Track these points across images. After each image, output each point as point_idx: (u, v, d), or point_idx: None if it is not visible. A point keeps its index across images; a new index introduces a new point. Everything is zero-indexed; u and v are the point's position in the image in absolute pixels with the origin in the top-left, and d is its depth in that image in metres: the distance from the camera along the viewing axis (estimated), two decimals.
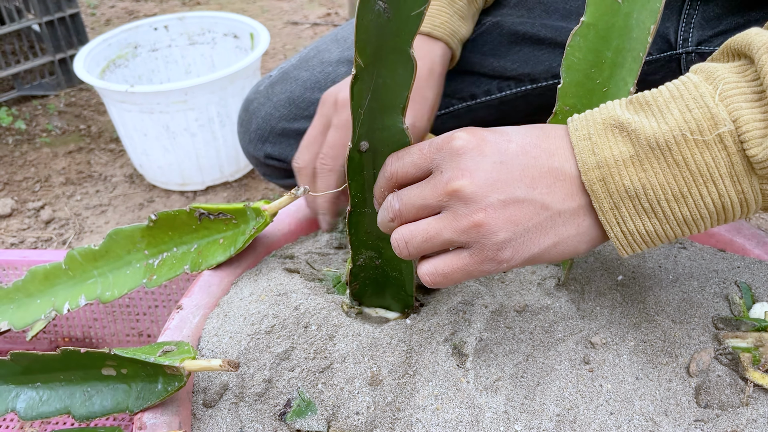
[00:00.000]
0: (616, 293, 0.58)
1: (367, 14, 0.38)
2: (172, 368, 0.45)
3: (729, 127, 0.38)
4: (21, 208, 1.21)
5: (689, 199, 0.40)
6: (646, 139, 0.40)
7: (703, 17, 0.68)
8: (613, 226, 0.42)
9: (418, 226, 0.43)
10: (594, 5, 0.47)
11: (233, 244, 0.61)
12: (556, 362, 0.53)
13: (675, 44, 0.70)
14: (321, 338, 0.54)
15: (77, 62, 1.15)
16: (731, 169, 0.39)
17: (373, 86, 0.42)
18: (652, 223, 0.41)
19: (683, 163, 0.39)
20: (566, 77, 0.51)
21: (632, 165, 0.40)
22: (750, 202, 0.40)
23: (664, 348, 0.53)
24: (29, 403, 0.52)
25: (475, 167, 0.41)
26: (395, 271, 0.57)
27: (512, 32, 0.75)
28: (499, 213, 0.40)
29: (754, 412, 0.49)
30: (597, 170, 0.41)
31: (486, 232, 0.40)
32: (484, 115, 0.81)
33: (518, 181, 0.41)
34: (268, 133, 0.81)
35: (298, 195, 0.57)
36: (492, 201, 0.40)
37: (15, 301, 0.68)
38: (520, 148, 0.42)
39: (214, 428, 0.49)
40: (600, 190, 0.41)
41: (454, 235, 0.41)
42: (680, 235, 0.42)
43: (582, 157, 0.41)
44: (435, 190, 0.42)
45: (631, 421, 0.47)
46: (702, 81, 0.40)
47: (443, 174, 0.41)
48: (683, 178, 0.40)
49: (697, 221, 0.41)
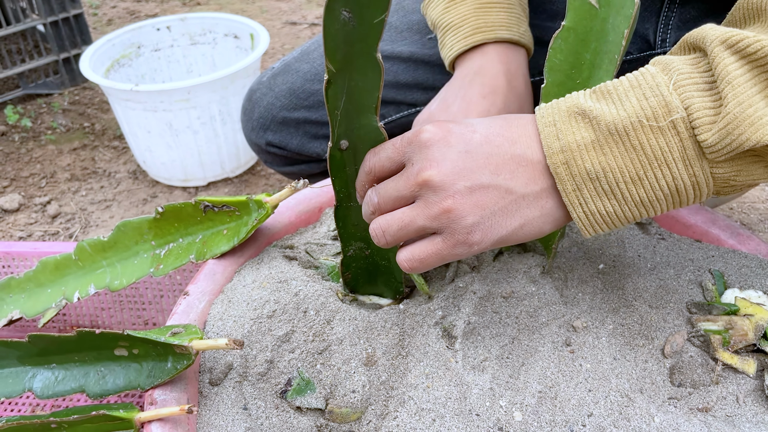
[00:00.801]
0: (597, 281, 0.61)
1: (333, 23, 0.41)
2: (181, 347, 0.48)
3: (681, 114, 0.41)
4: (28, 203, 1.24)
5: (645, 182, 0.42)
6: (606, 125, 0.42)
7: (680, 19, 0.71)
8: (576, 206, 0.44)
9: (394, 215, 0.45)
10: (574, 10, 0.50)
11: (236, 235, 0.64)
12: (540, 344, 0.56)
13: (654, 44, 0.73)
14: (319, 322, 0.57)
15: (83, 62, 1.18)
16: (683, 154, 0.41)
17: (347, 89, 0.45)
18: (611, 204, 0.44)
19: (640, 147, 0.42)
20: (549, 77, 0.54)
21: (593, 149, 0.43)
22: (702, 185, 0.43)
23: (640, 331, 0.56)
24: (45, 383, 0.54)
25: (442, 157, 0.43)
26: (384, 260, 0.60)
27: None
28: (467, 199, 0.43)
29: (724, 390, 0.52)
30: (561, 154, 0.43)
31: (455, 217, 0.43)
32: None
33: (483, 168, 0.43)
34: (270, 122, 0.84)
35: (298, 188, 0.60)
36: (459, 188, 0.43)
37: (26, 291, 0.70)
38: (483, 137, 0.44)
39: (219, 405, 0.51)
40: (564, 173, 0.43)
41: (427, 221, 0.44)
42: (638, 216, 0.44)
43: (547, 142, 0.44)
44: (407, 181, 0.44)
45: (608, 397, 0.51)
46: (659, 72, 0.43)
47: (413, 166, 0.44)
48: (640, 161, 0.42)
49: (653, 202, 0.43)
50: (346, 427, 0.53)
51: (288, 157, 0.87)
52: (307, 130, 0.84)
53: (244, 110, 0.88)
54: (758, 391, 0.52)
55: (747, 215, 1.13)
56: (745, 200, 1.16)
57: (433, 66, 0.80)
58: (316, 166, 0.88)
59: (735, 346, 0.53)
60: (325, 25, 0.42)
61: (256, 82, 0.87)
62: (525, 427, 0.49)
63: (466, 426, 0.49)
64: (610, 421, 0.49)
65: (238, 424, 0.50)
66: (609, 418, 0.49)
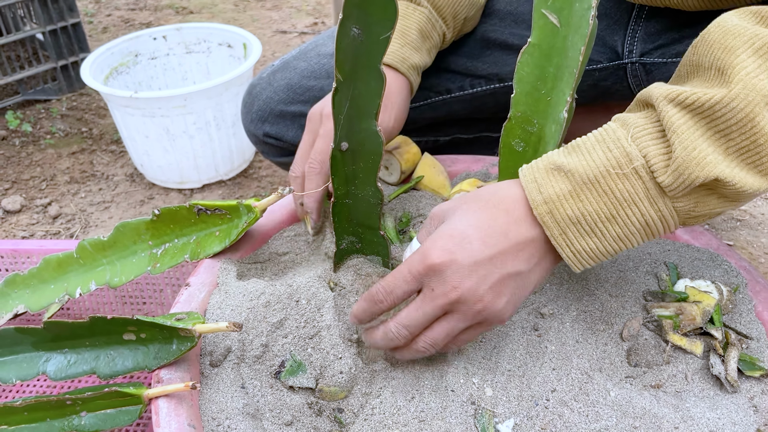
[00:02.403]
0: (564, 272, 0.66)
1: (344, 38, 0.46)
2: (185, 330, 0.52)
3: (641, 161, 0.47)
4: (29, 204, 1.27)
5: (618, 220, 0.49)
6: (579, 176, 0.48)
7: (646, 32, 0.77)
8: (564, 248, 0.50)
9: (438, 332, 0.52)
10: (538, 28, 0.55)
11: (228, 236, 0.67)
12: (511, 330, 0.60)
13: (622, 55, 0.78)
14: (310, 310, 0.61)
15: (84, 70, 1.21)
16: (648, 194, 0.48)
17: (351, 96, 0.50)
18: (594, 242, 0.50)
19: (610, 191, 0.48)
20: (517, 88, 0.59)
21: (571, 197, 0.49)
22: (668, 218, 0.49)
23: (601, 317, 0.61)
24: (58, 367, 0.58)
25: (460, 277, 0.49)
26: (373, 254, 0.65)
27: (485, 38, 0.84)
28: (491, 296, 0.50)
29: (674, 368, 0.57)
30: (544, 205, 0.49)
31: (489, 312, 0.51)
32: (457, 108, 0.89)
33: (492, 268, 0.50)
34: (268, 114, 0.89)
35: (284, 194, 0.65)
36: (482, 292, 0.50)
37: (30, 287, 0.73)
38: (480, 242, 0.50)
39: (219, 384, 0.56)
40: (549, 221, 0.50)
41: (468, 323, 0.51)
42: (618, 250, 0.50)
43: (531, 196, 0.50)
44: (436, 304, 0.50)
45: (570, 374, 0.55)
46: (618, 127, 0.49)
47: (436, 291, 0.50)
48: (612, 203, 0.48)
49: (628, 236, 0.50)
50: (334, 405, 0.57)
51: (283, 148, 0.92)
52: (302, 123, 0.89)
53: (245, 103, 0.92)
54: (704, 370, 0.57)
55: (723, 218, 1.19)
56: None
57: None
58: None
59: (684, 330, 0.58)
60: (338, 39, 0.47)
61: (257, 78, 0.92)
62: (495, 401, 0.53)
63: (443, 401, 0.54)
64: (571, 396, 0.54)
65: (236, 400, 0.54)
66: (570, 393, 0.54)
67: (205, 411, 0.53)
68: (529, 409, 0.53)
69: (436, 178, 0.76)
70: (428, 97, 0.88)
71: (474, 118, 0.93)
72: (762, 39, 0.45)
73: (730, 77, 0.45)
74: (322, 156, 0.66)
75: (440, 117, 0.90)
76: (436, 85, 0.87)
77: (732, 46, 0.46)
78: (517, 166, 0.62)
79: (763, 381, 0.56)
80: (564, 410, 0.53)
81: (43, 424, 0.54)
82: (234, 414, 0.53)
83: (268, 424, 0.54)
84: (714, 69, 0.47)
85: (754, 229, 1.15)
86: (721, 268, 0.65)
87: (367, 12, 0.45)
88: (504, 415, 0.53)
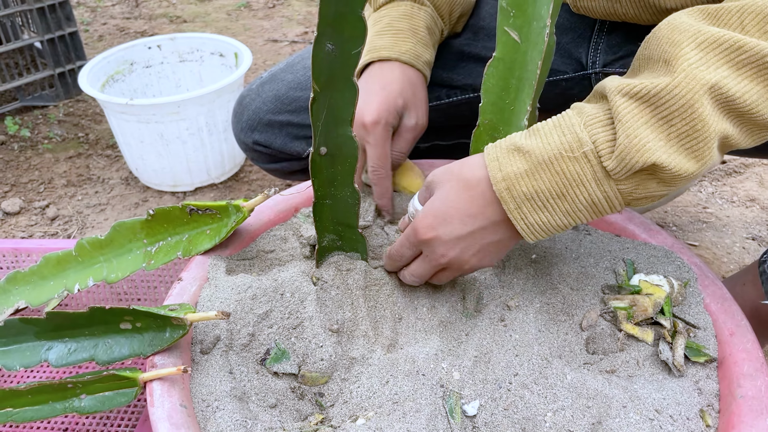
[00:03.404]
0: (530, 268, 0.70)
1: (319, 53, 0.51)
2: (178, 319, 0.56)
3: (590, 147, 0.52)
4: (28, 206, 1.30)
5: (568, 198, 0.54)
6: (535, 157, 0.53)
7: (608, 45, 0.82)
8: (519, 221, 0.56)
9: (436, 278, 0.64)
10: (502, 44, 0.59)
11: (218, 234, 0.71)
12: (479, 320, 0.65)
13: (586, 66, 0.83)
14: (294, 303, 0.65)
15: (81, 77, 1.25)
16: (595, 176, 0.52)
17: (327, 105, 0.54)
18: (545, 216, 0.55)
19: (562, 173, 0.53)
20: (484, 98, 0.63)
21: (527, 176, 0.54)
22: (612, 199, 0.53)
23: (563, 309, 0.66)
24: (59, 354, 0.62)
25: (445, 249, 0.59)
26: (353, 250, 0.69)
27: (460, 51, 0.89)
28: (477, 259, 0.60)
29: (627, 355, 0.62)
30: (503, 182, 0.55)
31: (475, 267, 0.62)
32: (434, 117, 0.94)
33: (473, 241, 0.59)
34: (257, 123, 0.94)
35: (270, 194, 0.69)
36: (467, 257, 0.60)
37: (31, 283, 0.76)
38: (460, 222, 0.58)
39: (209, 369, 0.60)
40: (507, 196, 0.55)
41: (459, 273, 0.63)
42: (567, 224, 0.56)
43: (492, 173, 0.55)
44: (431, 265, 0.62)
45: (531, 360, 0.60)
46: (574, 114, 0.54)
47: (429, 257, 0.61)
48: (563, 183, 0.53)
49: (576, 213, 0.55)
50: (315, 389, 0.61)
51: (272, 155, 0.96)
52: (289, 132, 0.94)
53: (235, 113, 0.97)
54: (654, 356, 0.61)
55: (679, 217, 1.24)
56: (678, 204, 1.27)
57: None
58: (297, 163, 0.97)
59: (637, 320, 0.63)
60: (314, 53, 0.51)
61: (246, 89, 0.97)
62: (462, 384, 0.58)
63: (414, 383, 0.58)
64: (532, 379, 0.58)
65: (224, 384, 0.58)
66: (531, 377, 0.58)
67: (196, 393, 0.57)
68: (493, 392, 0.57)
69: (414, 181, 0.81)
70: None
71: (452, 126, 0.98)
72: (705, 34, 0.49)
73: (674, 67, 0.49)
74: (381, 161, 0.74)
75: None
76: None
77: (678, 41, 0.50)
78: None
79: (708, 366, 0.60)
80: (525, 392, 0.57)
81: (45, 407, 0.58)
82: (222, 396, 0.57)
83: (253, 406, 0.58)
84: (661, 61, 0.51)
85: (719, 231, 1.20)
86: (674, 264, 0.70)
87: (339, 30, 0.49)
88: (470, 396, 0.57)
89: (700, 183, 1.34)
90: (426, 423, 0.54)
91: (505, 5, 0.56)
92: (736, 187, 1.32)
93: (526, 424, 0.56)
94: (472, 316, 0.65)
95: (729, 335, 0.61)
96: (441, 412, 0.56)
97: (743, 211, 1.25)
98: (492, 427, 0.56)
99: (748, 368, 0.58)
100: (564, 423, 0.55)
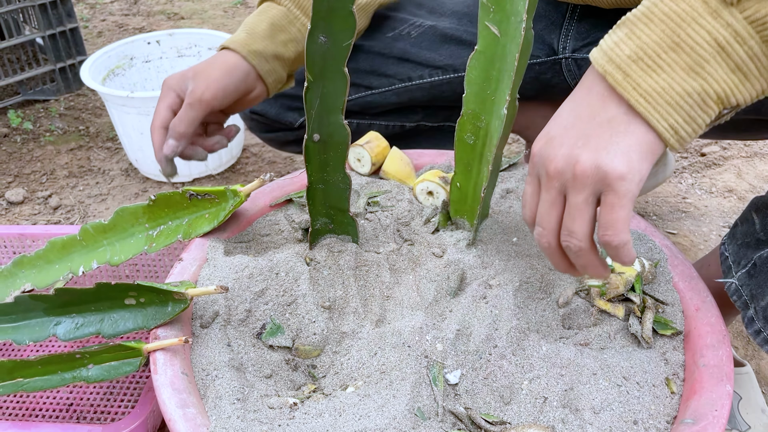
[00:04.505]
0: (511, 250, 0.74)
1: (312, 44, 0.54)
2: (179, 294, 0.59)
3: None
4: (31, 196, 1.33)
5: (684, 45, 0.44)
6: (632, 17, 0.46)
7: (577, 31, 0.87)
8: (630, 91, 0.45)
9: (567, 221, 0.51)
10: (483, 38, 0.63)
11: (216, 218, 0.74)
12: (462, 298, 0.68)
13: (557, 51, 0.89)
14: (288, 281, 0.68)
15: (83, 71, 1.28)
16: (707, 7, 0.43)
17: (321, 94, 0.57)
18: (663, 78, 0.44)
19: (666, 17, 0.44)
20: (467, 89, 0.66)
21: (629, 39, 0.46)
22: (741, 32, 0.43)
23: (541, 287, 0.69)
24: (67, 329, 0.65)
25: (554, 148, 0.49)
26: (344, 233, 0.73)
27: (443, 34, 0.94)
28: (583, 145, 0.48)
29: (600, 330, 0.65)
30: (604, 56, 0.47)
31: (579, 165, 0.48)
32: (418, 95, 0.98)
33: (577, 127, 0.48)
34: None
35: (266, 180, 0.72)
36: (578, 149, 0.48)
37: (36, 267, 0.79)
38: (566, 120, 0.49)
39: (208, 342, 0.63)
40: (610, 68, 0.46)
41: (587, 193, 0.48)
42: (700, 89, 0.44)
43: (594, 58, 0.48)
44: (548, 187, 0.51)
45: (509, 333, 0.63)
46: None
47: (542, 178, 0.51)
48: (670, 29, 0.44)
49: (703, 65, 0.44)
50: (308, 362, 0.65)
51: (267, 124, 1.03)
52: (283, 102, 1.00)
53: None
54: (625, 330, 0.65)
55: (659, 207, 1.28)
56: (658, 195, 1.31)
57: (387, 57, 0.95)
58: (291, 134, 1.02)
59: (609, 296, 0.66)
60: (307, 45, 0.54)
61: None
62: (444, 355, 0.61)
63: (400, 355, 0.61)
64: (510, 350, 0.62)
65: (222, 356, 0.62)
66: (509, 349, 0.62)
67: (196, 363, 0.60)
68: (474, 362, 0.61)
69: (402, 169, 0.84)
70: (392, 84, 0.97)
71: (436, 106, 1.02)
72: None
73: None
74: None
75: (404, 102, 1.00)
76: (399, 74, 0.96)
77: None
78: (469, 157, 0.71)
79: (675, 339, 0.64)
80: (503, 362, 0.61)
81: (54, 376, 0.61)
82: (221, 366, 0.60)
83: (250, 376, 0.62)
84: None
85: (697, 220, 1.24)
86: (646, 245, 0.73)
87: (331, 23, 0.53)
88: (452, 366, 0.61)
89: (681, 174, 1.38)
90: (411, 390, 0.58)
91: (485, 1, 0.59)
92: (714, 179, 1.36)
93: (504, 392, 0.59)
94: (455, 295, 0.69)
95: (695, 310, 0.65)
96: (425, 380, 0.59)
97: (721, 201, 1.29)
98: (472, 394, 0.59)
99: (711, 340, 0.62)
100: (539, 390, 0.59)
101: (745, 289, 0.62)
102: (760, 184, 1.33)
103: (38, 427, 0.68)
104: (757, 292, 0.60)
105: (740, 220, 0.68)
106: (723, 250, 0.67)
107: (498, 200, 0.79)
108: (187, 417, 0.53)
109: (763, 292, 0.59)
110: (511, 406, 0.58)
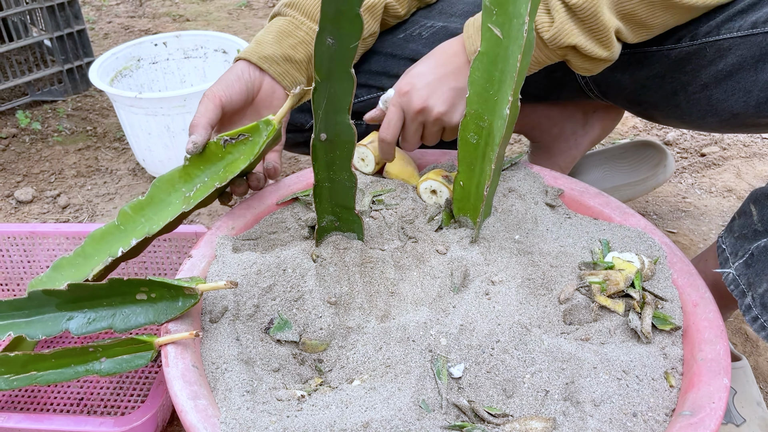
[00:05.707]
0: (513, 247, 0.75)
1: (321, 46, 0.55)
2: (189, 289, 0.61)
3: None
4: (40, 195, 1.35)
5: None
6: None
7: None
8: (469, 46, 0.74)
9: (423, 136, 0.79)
10: (486, 39, 0.64)
11: (252, 153, 0.71)
12: (466, 294, 0.69)
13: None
14: (295, 277, 0.70)
15: (92, 72, 1.29)
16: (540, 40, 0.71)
17: (328, 95, 0.59)
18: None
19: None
20: (471, 90, 0.68)
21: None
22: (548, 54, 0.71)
23: (543, 284, 0.71)
24: (79, 324, 0.66)
25: (419, 96, 0.74)
26: (350, 231, 0.74)
27: (454, 34, 0.95)
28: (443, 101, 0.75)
29: (600, 325, 0.66)
30: (470, 27, 0.74)
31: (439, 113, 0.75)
32: None
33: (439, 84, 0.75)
34: None
35: (295, 93, 0.69)
36: (439, 102, 0.74)
37: (75, 265, 0.76)
38: (431, 73, 0.75)
39: (217, 336, 0.64)
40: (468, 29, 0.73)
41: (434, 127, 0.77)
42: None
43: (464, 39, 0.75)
44: (411, 119, 0.75)
45: (512, 328, 0.64)
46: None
47: (408, 111, 0.75)
48: None
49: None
50: (315, 356, 0.66)
51: None
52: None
53: None
54: (624, 325, 0.66)
55: (659, 207, 1.29)
56: (658, 195, 1.32)
57: (399, 58, 0.96)
58: (300, 135, 1.03)
59: (609, 292, 0.67)
60: (316, 46, 0.56)
61: None
62: (449, 349, 0.62)
63: (405, 349, 0.62)
64: (512, 345, 0.63)
65: (231, 349, 0.63)
66: (511, 343, 0.63)
67: (206, 357, 0.62)
68: (477, 356, 0.62)
69: (405, 168, 0.85)
70: None
71: None
72: None
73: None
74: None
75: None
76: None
77: None
78: (472, 156, 0.72)
79: (674, 334, 0.65)
80: (505, 357, 0.62)
81: (68, 369, 0.63)
82: (230, 359, 0.61)
83: (258, 370, 0.63)
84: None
85: (696, 219, 1.25)
86: (646, 243, 0.74)
87: (339, 26, 0.54)
88: (456, 360, 0.62)
89: (681, 174, 1.39)
90: (415, 383, 0.59)
91: (488, 4, 0.61)
92: (714, 179, 1.37)
93: (506, 385, 0.60)
94: (459, 291, 0.70)
95: (693, 306, 0.66)
96: (429, 374, 0.60)
97: (720, 201, 1.30)
98: (475, 387, 0.60)
99: (709, 335, 0.63)
100: (541, 383, 0.60)
101: (742, 278, 0.64)
102: (759, 184, 1.34)
103: (50, 419, 0.69)
104: (754, 281, 0.61)
105: (737, 214, 0.69)
106: (720, 243, 0.68)
107: (500, 198, 0.80)
108: (199, 408, 0.54)
109: (760, 280, 0.61)
110: (514, 399, 0.59)
